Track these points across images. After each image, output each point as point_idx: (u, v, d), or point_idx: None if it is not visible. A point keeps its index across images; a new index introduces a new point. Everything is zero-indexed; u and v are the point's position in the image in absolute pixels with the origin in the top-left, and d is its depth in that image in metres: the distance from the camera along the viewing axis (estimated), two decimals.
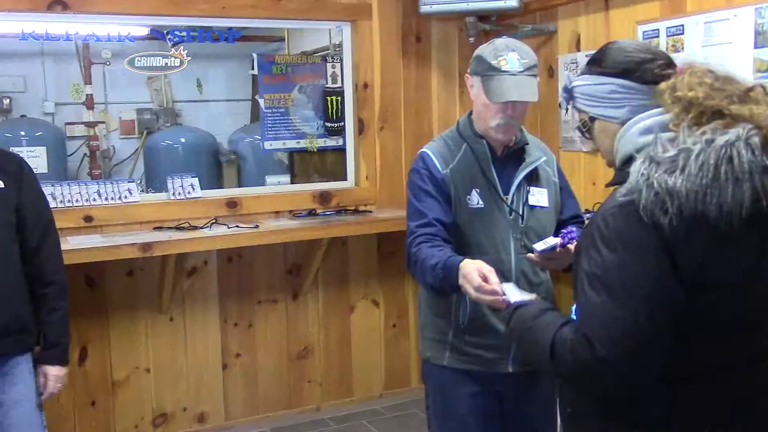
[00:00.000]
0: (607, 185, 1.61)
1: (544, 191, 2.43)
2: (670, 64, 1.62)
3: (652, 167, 1.39)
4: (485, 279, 1.97)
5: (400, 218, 4.22)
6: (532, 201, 2.40)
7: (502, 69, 2.25)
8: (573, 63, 3.97)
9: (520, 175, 2.39)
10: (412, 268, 2.33)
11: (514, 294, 1.89)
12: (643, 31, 3.54)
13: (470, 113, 2.45)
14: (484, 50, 2.32)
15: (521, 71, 2.26)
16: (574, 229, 2.20)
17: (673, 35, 3.40)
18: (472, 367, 2.41)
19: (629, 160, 1.50)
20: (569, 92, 1.71)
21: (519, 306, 1.77)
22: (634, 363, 1.39)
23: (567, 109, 4.00)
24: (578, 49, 3.96)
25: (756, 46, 3.03)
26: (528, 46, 2.45)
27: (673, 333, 1.42)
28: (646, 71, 1.58)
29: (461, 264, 2.07)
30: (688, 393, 1.48)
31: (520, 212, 2.38)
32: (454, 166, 2.38)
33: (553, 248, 2.14)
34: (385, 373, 4.62)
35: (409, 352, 4.67)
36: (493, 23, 4.36)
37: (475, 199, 2.36)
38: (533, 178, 2.43)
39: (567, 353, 1.46)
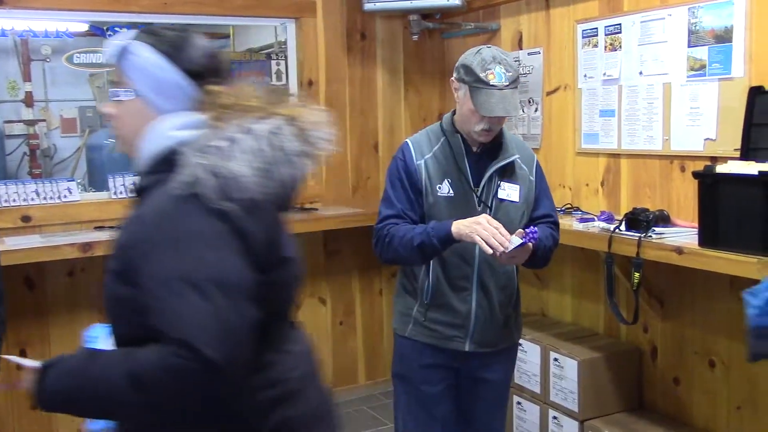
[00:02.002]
0: (139, 188, 1.52)
1: (516, 187, 2.55)
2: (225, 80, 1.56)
3: (207, 157, 1.37)
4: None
5: (346, 216, 4.23)
6: (501, 195, 2.53)
7: (490, 83, 2.40)
8: (516, 61, 4.01)
9: (491, 169, 2.52)
10: (385, 246, 2.50)
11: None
12: (583, 30, 3.61)
13: (454, 111, 2.59)
14: (472, 61, 2.44)
15: (507, 85, 2.41)
16: (536, 229, 2.34)
17: (611, 34, 3.47)
18: (431, 341, 2.59)
19: (166, 156, 1.45)
20: (124, 51, 1.50)
21: (47, 367, 1.41)
22: (241, 356, 1.31)
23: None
24: (520, 47, 4.02)
25: (689, 45, 3.11)
26: (472, 44, 2.52)
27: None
28: (210, 81, 1.51)
29: (463, 218, 2.37)
30: (266, 377, 1.48)
31: (489, 204, 2.51)
32: (429, 157, 2.54)
33: (518, 246, 2.29)
34: (332, 371, 4.62)
35: (356, 350, 4.68)
36: (437, 21, 4.40)
37: (446, 188, 2.51)
38: (507, 174, 2.56)
39: (162, 373, 1.27)
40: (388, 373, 2.80)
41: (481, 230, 2.28)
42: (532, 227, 2.36)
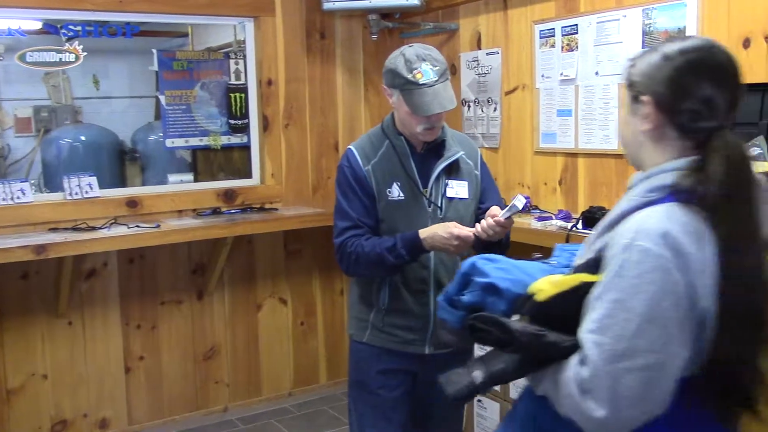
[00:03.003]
0: None
1: (464, 183, 2.54)
2: None
3: None
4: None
5: (306, 216, 4.22)
6: (450, 193, 2.52)
7: (420, 83, 2.36)
8: (474, 61, 4.04)
9: (438, 169, 2.51)
10: (352, 263, 2.47)
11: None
12: (540, 30, 3.64)
13: (393, 113, 2.56)
14: (396, 63, 2.41)
15: (437, 80, 2.38)
16: (528, 196, 2.31)
17: (568, 34, 3.51)
18: (390, 345, 2.56)
19: None
20: None
21: None
22: None
23: (469, 106, 4.08)
24: (479, 47, 4.03)
25: (644, 46, 3.15)
26: (431, 44, 2.52)
27: None
28: None
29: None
30: None
31: (439, 204, 2.49)
32: (375, 161, 2.50)
33: (515, 213, 2.31)
34: (293, 372, 4.60)
35: (317, 350, 4.67)
36: (396, 21, 4.40)
37: (396, 192, 2.48)
38: (453, 171, 2.54)
39: None
40: None
41: (453, 242, 2.33)
42: (519, 195, 2.39)
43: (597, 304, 1.36)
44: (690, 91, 1.42)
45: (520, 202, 2.27)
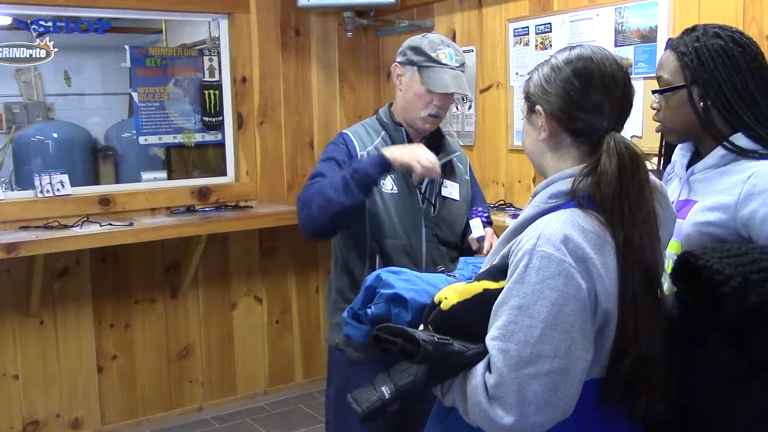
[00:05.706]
0: None
1: (456, 185, 2.52)
2: None
3: None
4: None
5: (281, 213, 4.20)
6: (444, 192, 2.49)
7: (443, 62, 2.36)
8: None
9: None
10: (313, 196, 2.26)
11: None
12: (514, 29, 3.66)
13: (390, 105, 2.53)
14: (420, 42, 2.40)
15: (458, 66, 2.39)
16: (480, 208, 2.42)
17: (542, 33, 3.53)
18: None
19: None
20: None
21: None
22: None
23: None
24: None
25: (616, 45, 3.18)
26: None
27: None
28: None
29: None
30: None
31: (433, 202, 2.46)
32: (371, 149, 2.43)
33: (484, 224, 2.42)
34: (268, 370, 4.58)
35: (292, 348, 4.66)
36: (371, 18, 4.40)
37: (389, 185, 2.41)
38: (447, 171, 2.51)
39: None
40: (325, 370, 2.76)
41: (423, 161, 2.19)
42: (473, 208, 2.40)
43: (501, 310, 1.36)
44: (577, 98, 1.46)
45: (478, 230, 2.36)
